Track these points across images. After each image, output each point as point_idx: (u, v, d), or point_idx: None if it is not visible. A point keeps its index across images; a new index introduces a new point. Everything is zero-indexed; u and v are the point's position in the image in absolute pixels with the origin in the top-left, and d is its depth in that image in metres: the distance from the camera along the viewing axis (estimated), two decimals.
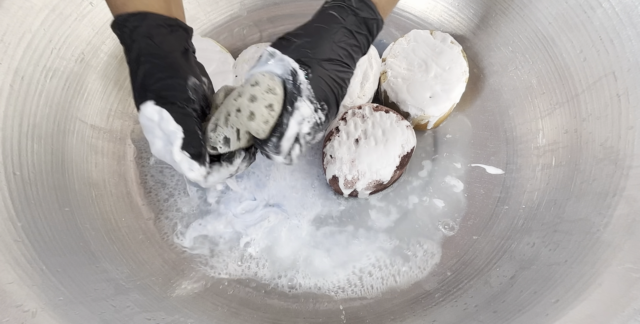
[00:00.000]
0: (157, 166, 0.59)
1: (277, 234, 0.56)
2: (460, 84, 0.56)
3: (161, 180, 0.58)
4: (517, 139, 0.59)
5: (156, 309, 0.47)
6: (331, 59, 0.39)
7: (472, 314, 0.46)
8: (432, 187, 0.58)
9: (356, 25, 0.40)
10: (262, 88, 0.37)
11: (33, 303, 0.40)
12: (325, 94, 0.38)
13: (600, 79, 0.49)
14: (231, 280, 0.53)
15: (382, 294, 0.52)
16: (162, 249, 0.55)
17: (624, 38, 0.47)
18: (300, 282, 0.53)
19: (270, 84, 0.37)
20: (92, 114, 0.56)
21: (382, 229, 0.56)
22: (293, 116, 0.37)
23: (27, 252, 0.42)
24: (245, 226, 0.56)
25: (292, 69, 0.37)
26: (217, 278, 0.54)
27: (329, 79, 0.39)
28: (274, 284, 0.53)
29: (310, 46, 0.38)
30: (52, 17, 0.50)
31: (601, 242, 0.43)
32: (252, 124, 0.37)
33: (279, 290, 0.53)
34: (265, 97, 0.37)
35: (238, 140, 0.39)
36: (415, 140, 0.54)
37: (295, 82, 0.37)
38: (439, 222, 0.56)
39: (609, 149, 0.47)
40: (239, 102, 0.38)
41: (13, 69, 0.47)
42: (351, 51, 0.40)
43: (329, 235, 0.56)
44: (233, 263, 0.54)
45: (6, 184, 0.44)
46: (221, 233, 0.56)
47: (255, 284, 0.53)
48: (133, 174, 0.58)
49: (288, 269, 0.54)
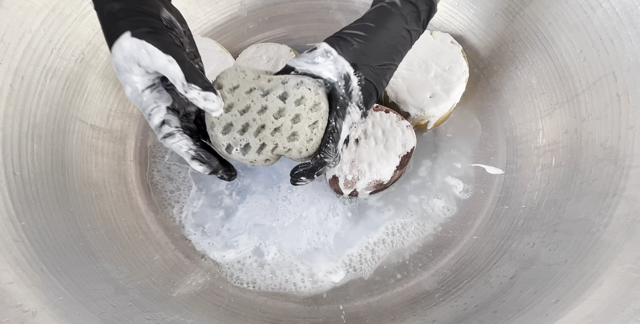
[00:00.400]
0: (167, 162, 0.59)
1: (277, 234, 0.56)
2: (460, 84, 0.56)
3: (168, 175, 0.59)
4: (517, 139, 0.59)
5: (156, 309, 0.47)
6: (384, 64, 0.38)
7: (472, 314, 0.46)
8: (432, 187, 0.58)
9: (415, 23, 0.38)
10: (308, 106, 0.37)
11: (33, 303, 0.40)
12: (371, 99, 0.38)
13: (600, 79, 0.49)
14: (231, 280, 0.54)
15: (380, 291, 0.52)
16: (162, 249, 0.55)
17: (624, 38, 0.47)
18: (300, 281, 0.53)
19: (316, 100, 0.37)
20: (92, 114, 0.56)
21: (382, 228, 0.56)
22: (345, 120, 0.37)
23: (27, 252, 0.42)
24: (246, 226, 0.56)
25: (347, 73, 0.36)
26: (217, 278, 0.54)
27: (378, 83, 0.38)
28: (274, 284, 0.53)
29: (368, 49, 0.37)
30: (52, 17, 0.50)
31: (601, 242, 0.43)
32: (295, 144, 0.37)
33: (279, 290, 0.53)
34: (311, 116, 0.37)
35: (258, 153, 0.38)
36: (415, 140, 0.54)
37: (348, 88, 0.37)
38: (439, 222, 0.56)
39: (609, 149, 0.47)
40: (281, 122, 0.37)
41: (13, 69, 0.47)
42: (403, 50, 0.39)
43: (329, 234, 0.56)
44: (233, 262, 0.54)
45: (6, 184, 0.44)
46: (223, 233, 0.56)
47: (255, 284, 0.53)
48: (133, 174, 0.58)
49: (288, 269, 0.54)
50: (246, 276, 0.54)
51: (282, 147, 0.38)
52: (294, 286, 0.53)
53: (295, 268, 0.54)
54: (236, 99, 0.38)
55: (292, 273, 0.54)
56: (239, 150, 0.38)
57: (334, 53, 0.37)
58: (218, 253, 0.55)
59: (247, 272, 0.54)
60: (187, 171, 0.59)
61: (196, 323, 0.47)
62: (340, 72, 0.37)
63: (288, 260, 0.55)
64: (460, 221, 0.56)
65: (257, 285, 0.53)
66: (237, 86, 0.39)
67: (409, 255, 0.55)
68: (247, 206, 0.57)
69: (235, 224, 0.56)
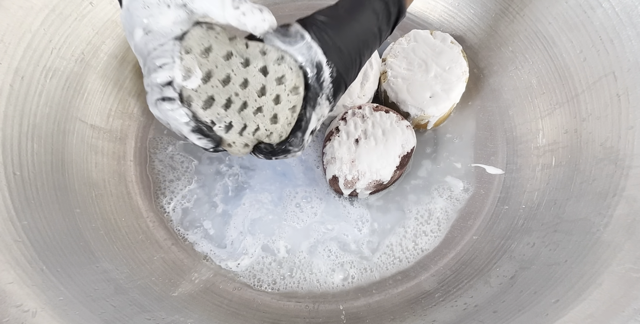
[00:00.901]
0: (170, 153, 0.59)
1: (276, 234, 0.56)
2: (460, 84, 0.56)
3: (171, 164, 0.59)
4: (517, 139, 0.59)
5: (156, 309, 0.47)
6: (354, 58, 0.36)
7: (472, 314, 0.46)
8: (432, 187, 0.58)
9: (386, 23, 0.37)
10: (288, 87, 0.34)
11: (33, 303, 0.40)
12: (339, 93, 0.37)
13: (600, 79, 0.49)
14: (231, 280, 0.54)
15: (380, 291, 0.52)
16: (162, 249, 0.55)
17: (624, 38, 0.47)
18: (300, 281, 0.53)
19: (297, 83, 0.34)
20: (92, 114, 0.56)
21: (382, 226, 0.56)
22: (315, 111, 0.36)
23: (27, 252, 0.42)
24: (247, 225, 0.56)
25: (319, 62, 0.34)
26: (217, 277, 0.54)
27: (348, 78, 0.37)
28: (274, 283, 0.53)
29: (340, 40, 0.35)
30: (52, 17, 0.50)
31: (601, 242, 0.43)
32: (277, 127, 0.35)
33: (279, 290, 0.53)
34: (290, 99, 0.34)
35: (239, 134, 0.35)
36: (415, 140, 0.54)
37: (319, 78, 0.35)
38: (439, 222, 0.56)
39: (609, 149, 0.47)
40: (263, 101, 0.34)
41: (13, 69, 0.47)
42: (372, 47, 0.38)
43: (329, 234, 0.56)
44: (233, 263, 0.54)
45: (6, 184, 0.44)
46: (224, 233, 0.56)
47: (255, 284, 0.53)
48: (133, 174, 0.58)
49: (288, 268, 0.54)
50: (247, 276, 0.54)
51: (264, 129, 0.35)
52: (294, 286, 0.53)
53: (296, 267, 0.54)
54: (213, 65, 0.33)
55: (293, 273, 0.54)
56: (222, 127, 0.34)
57: (307, 38, 0.34)
58: (219, 253, 0.55)
59: (247, 272, 0.54)
60: (188, 168, 0.59)
61: (196, 323, 0.47)
62: (313, 59, 0.34)
63: (288, 260, 0.55)
64: (460, 221, 0.56)
65: (257, 285, 0.53)
66: (209, 47, 0.33)
67: (410, 255, 0.55)
68: (245, 207, 0.57)
69: (238, 226, 0.56)
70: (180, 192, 0.58)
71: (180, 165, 0.59)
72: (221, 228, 0.56)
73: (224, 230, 0.56)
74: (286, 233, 0.56)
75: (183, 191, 0.58)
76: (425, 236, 0.56)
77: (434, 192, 0.58)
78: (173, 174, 0.59)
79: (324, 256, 0.55)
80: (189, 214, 0.57)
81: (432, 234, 0.56)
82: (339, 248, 0.55)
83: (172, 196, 0.57)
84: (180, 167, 0.59)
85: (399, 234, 0.56)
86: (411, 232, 0.56)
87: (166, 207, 0.57)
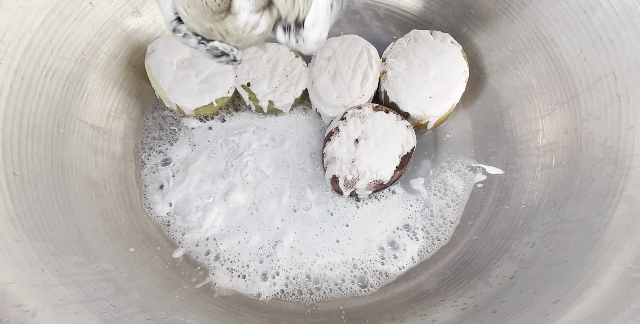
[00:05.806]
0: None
1: (276, 234, 0.56)
2: (460, 84, 0.56)
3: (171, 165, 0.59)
4: (517, 139, 0.59)
5: (156, 309, 0.47)
6: None
7: (472, 314, 0.46)
8: (431, 187, 0.58)
9: None
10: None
11: (33, 303, 0.40)
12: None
13: (600, 79, 0.49)
14: (231, 280, 0.53)
15: (380, 291, 0.52)
16: (162, 249, 0.55)
17: (624, 38, 0.47)
18: (300, 281, 0.53)
19: None
20: (92, 114, 0.56)
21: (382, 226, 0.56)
22: None
23: (27, 252, 0.42)
24: (248, 226, 0.56)
25: None
26: (217, 277, 0.54)
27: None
28: (274, 283, 0.53)
29: None
30: (52, 17, 0.50)
31: (601, 242, 0.43)
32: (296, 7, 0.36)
33: (279, 290, 0.53)
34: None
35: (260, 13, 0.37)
36: (415, 140, 0.54)
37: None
38: (439, 222, 0.56)
39: (609, 149, 0.47)
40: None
41: (13, 69, 0.47)
42: None
43: (329, 234, 0.56)
44: (233, 262, 0.54)
45: (6, 184, 0.44)
46: (224, 233, 0.56)
47: (255, 283, 0.53)
48: (133, 174, 0.58)
49: (288, 268, 0.54)
50: (246, 276, 0.54)
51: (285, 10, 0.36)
52: (294, 286, 0.53)
53: (296, 267, 0.54)
54: None
55: (293, 272, 0.54)
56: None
57: None
58: (218, 253, 0.55)
59: (247, 272, 0.54)
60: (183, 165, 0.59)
61: (196, 323, 0.47)
62: None
63: (288, 259, 0.55)
64: (460, 221, 0.56)
65: (257, 285, 0.53)
66: None
67: (409, 255, 0.55)
68: (246, 207, 0.57)
69: (238, 226, 0.56)
70: (181, 193, 0.58)
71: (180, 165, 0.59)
72: (221, 228, 0.56)
73: (224, 230, 0.56)
74: (286, 233, 0.56)
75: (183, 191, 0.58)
76: (425, 236, 0.56)
77: (433, 192, 0.58)
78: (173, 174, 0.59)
79: (324, 256, 0.55)
80: (188, 214, 0.57)
81: (432, 234, 0.56)
82: (339, 248, 0.55)
83: (173, 196, 0.57)
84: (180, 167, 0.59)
85: (399, 234, 0.56)
86: (411, 232, 0.56)
87: (167, 207, 0.57)
